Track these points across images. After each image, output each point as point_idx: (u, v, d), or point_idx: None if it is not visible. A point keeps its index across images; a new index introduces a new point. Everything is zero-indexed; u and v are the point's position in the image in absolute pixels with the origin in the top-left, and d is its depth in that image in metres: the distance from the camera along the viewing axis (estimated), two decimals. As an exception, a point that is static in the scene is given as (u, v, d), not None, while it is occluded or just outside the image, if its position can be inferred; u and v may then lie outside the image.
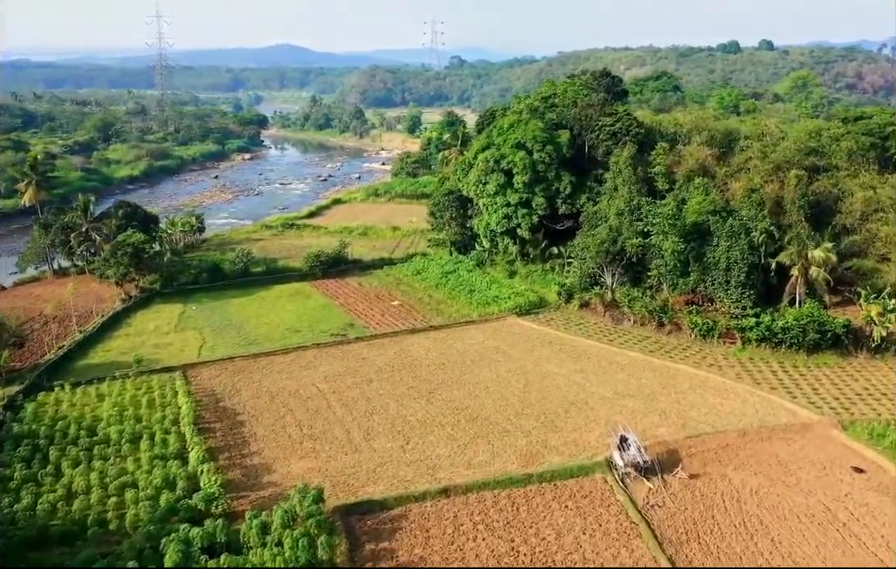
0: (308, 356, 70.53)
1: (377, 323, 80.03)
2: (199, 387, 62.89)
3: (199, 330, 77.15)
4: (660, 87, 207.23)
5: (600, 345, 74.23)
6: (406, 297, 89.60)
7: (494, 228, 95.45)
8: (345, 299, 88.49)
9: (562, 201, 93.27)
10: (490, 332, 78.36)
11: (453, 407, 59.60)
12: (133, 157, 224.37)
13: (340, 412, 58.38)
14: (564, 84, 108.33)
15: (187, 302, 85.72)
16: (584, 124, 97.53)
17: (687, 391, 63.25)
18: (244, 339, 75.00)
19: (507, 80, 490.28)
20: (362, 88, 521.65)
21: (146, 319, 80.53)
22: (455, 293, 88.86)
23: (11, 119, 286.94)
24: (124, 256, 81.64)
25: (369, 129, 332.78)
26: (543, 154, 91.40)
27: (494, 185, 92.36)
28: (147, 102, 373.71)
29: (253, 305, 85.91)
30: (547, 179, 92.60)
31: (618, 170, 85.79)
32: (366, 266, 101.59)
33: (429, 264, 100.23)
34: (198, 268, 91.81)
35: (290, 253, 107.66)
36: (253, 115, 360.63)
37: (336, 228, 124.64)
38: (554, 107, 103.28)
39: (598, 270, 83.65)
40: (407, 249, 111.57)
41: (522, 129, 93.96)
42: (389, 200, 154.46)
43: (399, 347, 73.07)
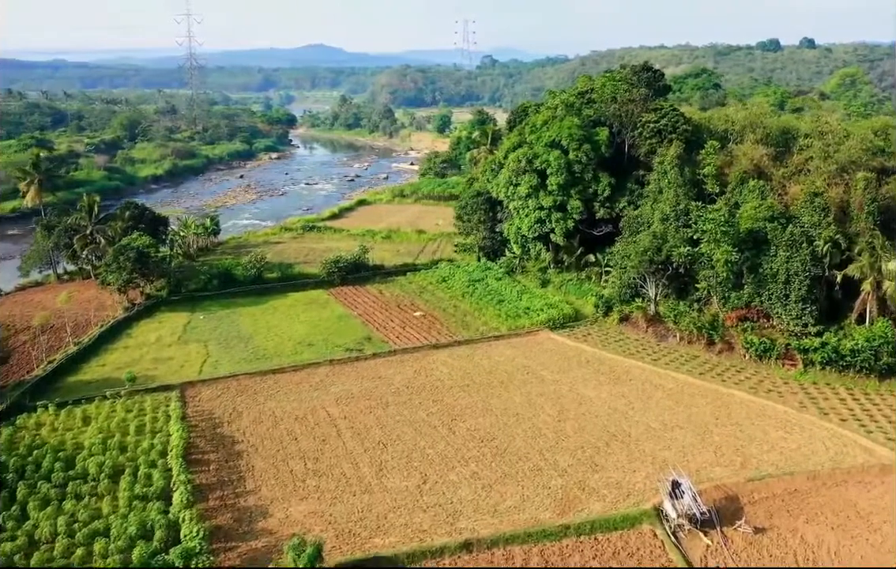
0: (320, 374, 64.09)
1: (397, 336, 73.44)
2: (197, 410, 56.73)
3: (204, 342, 71.16)
4: (700, 84, 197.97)
5: (643, 365, 66.82)
6: (429, 307, 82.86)
7: (526, 234, 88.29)
8: (363, 309, 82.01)
9: (599, 205, 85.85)
10: (520, 348, 71.32)
11: (478, 438, 52.70)
12: (158, 156, 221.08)
13: (351, 443, 51.79)
14: (603, 79, 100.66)
15: (195, 311, 79.92)
16: (624, 121, 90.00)
17: (744, 422, 55.67)
18: (252, 353, 68.84)
19: (539, 80, 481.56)
20: (393, 88, 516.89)
21: (148, 329, 74.75)
22: (483, 304, 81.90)
23: (41, 118, 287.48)
24: (127, 261, 76.03)
25: (399, 129, 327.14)
26: (580, 153, 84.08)
27: (526, 186, 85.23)
28: (177, 102, 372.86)
29: (264, 314, 79.79)
30: (583, 181, 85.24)
31: (663, 171, 78.11)
32: (387, 273, 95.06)
33: (455, 271, 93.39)
34: (207, 274, 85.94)
35: (309, 257, 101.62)
36: (282, 114, 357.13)
37: (358, 230, 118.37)
38: (591, 103, 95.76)
39: (640, 280, 76.13)
40: (432, 254, 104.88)
41: (557, 126, 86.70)
42: (416, 202, 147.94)
43: (420, 365, 66.34)
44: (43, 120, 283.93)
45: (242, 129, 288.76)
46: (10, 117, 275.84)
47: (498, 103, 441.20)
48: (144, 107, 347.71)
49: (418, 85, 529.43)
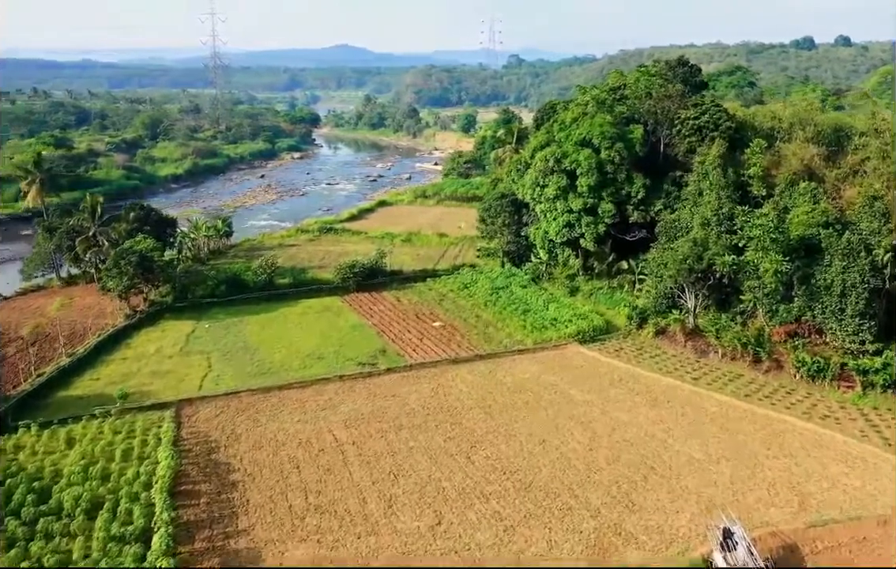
0: (328, 392, 58.95)
1: (414, 349, 68.16)
2: (192, 431, 51.84)
3: (207, 354, 66.39)
4: (734, 82, 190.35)
5: (682, 384, 60.87)
6: (449, 317, 77.46)
7: (553, 238, 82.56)
8: (379, 319, 76.81)
9: (633, 208, 79.85)
10: (547, 363, 65.67)
11: (500, 469, 47.20)
12: (180, 155, 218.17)
13: (358, 473, 46.55)
14: (636, 73, 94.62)
15: (200, 319, 75.26)
16: (659, 119, 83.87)
17: (798, 453, 49.63)
18: (257, 366, 63.93)
19: (566, 79, 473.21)
20: (418, 88, 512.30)
21: (149, 339, 70.12)
22: (506, 313, 76.32)
23: (65, 116, 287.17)
24: (128, 265, 71.53)
25: (423, 129, 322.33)
26: (612, 153, 78.15)
27: (554, 188, 79.50)
28: (201, 101, 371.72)
29: (273, 323, 74.90)
30: (616, 182, 79.30)
31: (703, 172, 71.93)
32: (406, 278, 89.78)
33: (477, 278, 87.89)
34: (215, 279, 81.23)
35: (324, 261, 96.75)
36: (305, 113, 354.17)
37: (377, 233, 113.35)
38: (624, 99, 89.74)
39: (678, 290, 70.14)
40: (454, 259, 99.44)
41: (588, 123, 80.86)
42: (438, 203, 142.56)
43: (437, 383, 60.96)
44: (67, 119, 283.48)
45: (265, 129, 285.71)
46: (35, 116, 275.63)
47: (524, 103, 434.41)
48: (168, 106, 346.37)
49: (444, 84, 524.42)
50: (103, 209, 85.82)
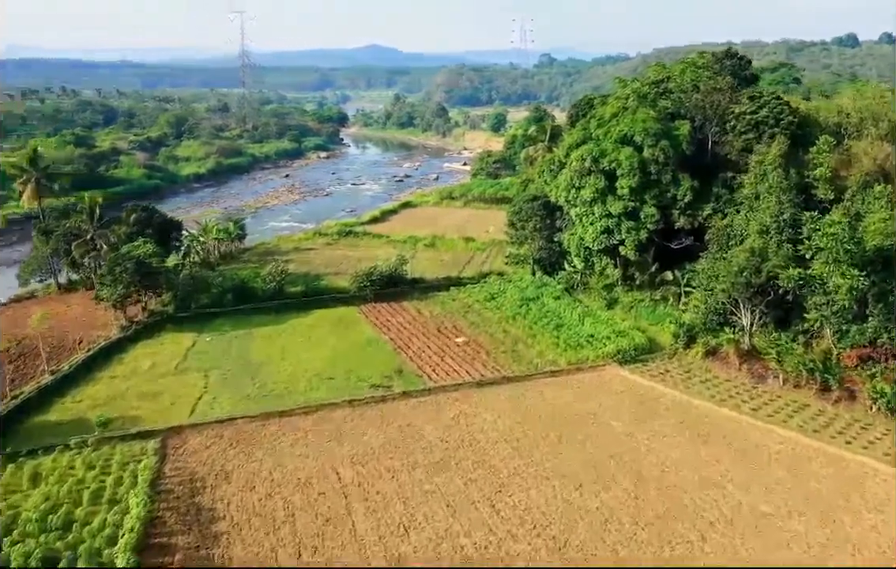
0: (335, 420, 52.21)
1: (433, 369, 61.19)
2: (177, 467, 45.43)
3: (205, 372, 60.09)
4: (778, 79, 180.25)
5: (739, 416, 53.09)
6: (474, 331, 70.36)
7: (590, 245, 74.98)
8: (397, 332, 69.99)
9: (679, 213, 72.03)
10: (583, 388, 58.27)
11: (530, 522, 40.02)
12: (203, 154, 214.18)
13: (363, 524, 39.70)
14: (681, 65, 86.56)
15: (203, 330, 69.11)
16: (708, 114, 75.89)
17: (885, 506, 41.81)
18: (259, 387, 57.43)
19: (598, 78, 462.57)
20: (448, 87, 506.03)
21: (144, 353, 64.04)
22: (537, 328, 69.02)
23: (93, 115, 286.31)
24: (124, 272, 65.64)
25: (452, 128, 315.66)
26: (656, 151, 70.45)
27: (592, 190, 71.99)
28: (230, 100, 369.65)
29: (281, 337, 68.45)
30: (660, 184, 71.58)
31: (762, 172, 63.93)
32: (428, 287, 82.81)
33: (506, 287, 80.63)
34: (220, 287, 75.03)
35: (342, 267, 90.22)
36: (333, 112, 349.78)
37: (400, 236, 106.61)
38: (668, 94, 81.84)
39: (731, 305, 62.30)
40: (480, 265, 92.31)
41: (629, 119, 73.22)
42: (465, 205, 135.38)
43: (459, 410, 53.89)
44: (95, 117, 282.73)
45: (292, 128, 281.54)
46: (62, 114, 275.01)
47: (556, 103, 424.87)
48: (196, 105, 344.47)
49: (474, 84, 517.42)
50: (102, 211, 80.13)
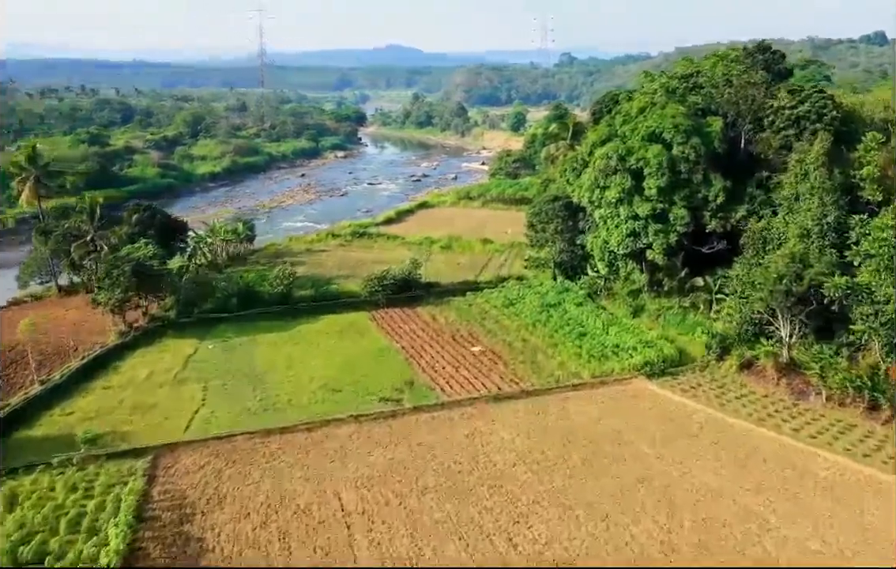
0: (340, 437, 48.39)
1: (447, 382, 57.22)
2: (166, 489, 41.80)
3: (205, 382, 56.54)
4: (808, 76, 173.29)
5: (779, 437, 48.58)
6: (491, 340, 66.29)
7: (615, 249, 70.66)
8: (409, 340, 66.11)
9: (710, 215, 67.55)
10: (609, 403, 54.03)
11: (552, 559, 35.85)
12: (219, 153, 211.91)
13: (366, 559, 35.76)
14: (712, 59, 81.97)
15: (205, 337, 65.70)
16: (741, 109, 71.34)
17: (951, 545, 37.14)
18: (261, 400, 53.77)
19: (620, 78, 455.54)
20: (467, 86, 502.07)
21: (142, 362, 60.60)
22: (559, 337, 64.83)
23: (111, 114, 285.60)
24: (121, 276, 62.33)
25: (471, 127, 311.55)
26: (687, 149, 66.04)
27: (617, 190, 67.70)
28: (248, 100, 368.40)
29: (287, 344, 64.83)
30: (690, 184, 67.16)
31: (802, 171, 59.31)
32: (443, 291, 78.89)
33: (525, 293, 76.49)
34: (225, 291, 71.54)
35: (355, 270, 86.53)
36: (351, 111, 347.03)
37: (415, 238, 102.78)
38: (697, 88, 77.35)
39: (767, 314, 57.77)
40: (498, 269, 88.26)
41: (658, 114, 68.86)
42: (483, 205, 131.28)
43: (474, 427, 49.89)
44: (113, 116, 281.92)
45: (310, 127, 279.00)
46: (80, 113, 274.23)
47: (576, 102, 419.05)
48: (215, 105, 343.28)
49: (493, 83, 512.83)
50: (111, 210, 76.97)
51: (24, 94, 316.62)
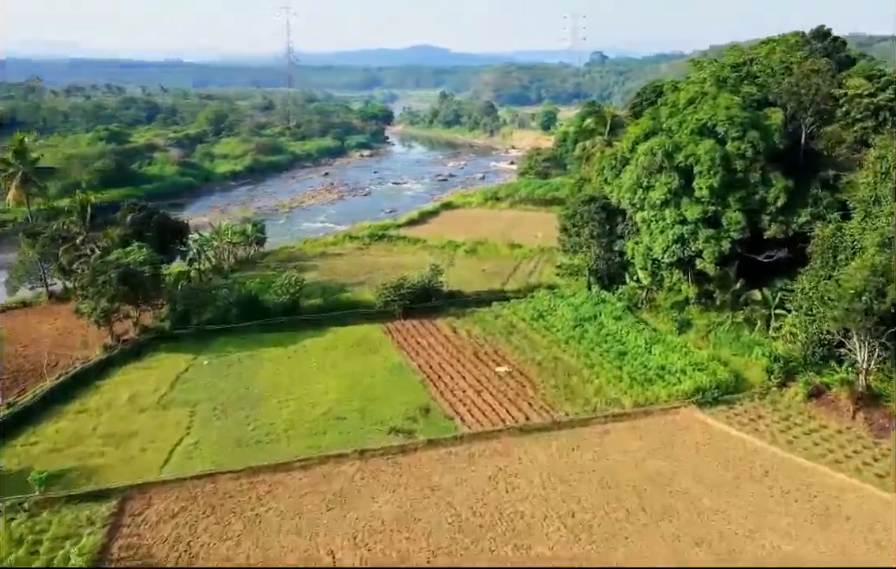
0: (340, 478, 41.42)
1: (469, 408, 50.01)
2: (129, 544, 35.10)
3: (193, 406, 49.95)
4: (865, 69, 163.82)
5: (862, 486, 40.78)
6: (519, 358, 58.91)
7: (659, 257, 62.84)
8: (427, 358, 58.97)
9: (770, 219, 59.59)
10: (655, 438, 46.44)
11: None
12: (242, 151, 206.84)
13: (359, 647, 28.88)
14: (768, 46, 73.91)
15: (201, 352, 59.20)
16: (802, 100, 63.27)
17: None
18: (254, 429, 46.96)
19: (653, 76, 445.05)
20: (496, 86, 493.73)
21: (127, 380, 54.12)
22: (595, 356, 57.27)
23: (137, 112, 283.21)
24: (107, 283, 56.10)
25: (500, 126, 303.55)
26: (744, 144, 58.19)
27: (663, 190, 59.97)
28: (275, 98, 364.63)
29: (290, 361, 58.04)
30: (747, 184, 59.24)
31: (883, 170, 51.16)
32: (466, 301, 71.66)
33: (557, 304, 68.95)
34: (226, 300, 64.98)
35: (371, 276, 79.59)
36: (378, 109, 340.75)
37: (437, 241, 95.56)
38: (752, 78, 69.34)
39: (840, 335, 49.77)
40: (527, 276, 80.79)
41: (709, 105, 61.03)
42: (511, 206, 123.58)
43: (497, 467, 42.66)
44: (138, 114, 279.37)
45: (335, 126, 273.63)
46: (104, 111, 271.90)
47: (608, 102, 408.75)
48: (241, 103, 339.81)
49: (523, 83, 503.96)
50: (95, 210, 70.86)
51: (49, 93, 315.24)
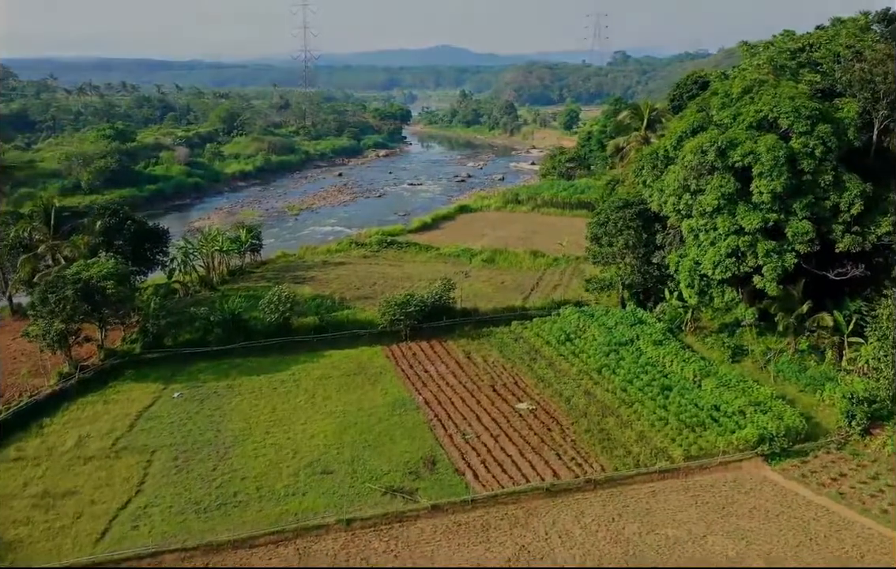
0: (318, 559, 32.69)
1: (483, 459, 41.12)
2: None
3: (151, 453, 41.51)
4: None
5: None
6: (543, 391, 50.06)
7: (709, 272, 53.54)
8: (435, 390, 50.23)
9: (843, 229, 50.20)
10: (714, 503, 37.36)
11: None
12: (253, 150, 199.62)
13: None
14: (832, 29, 64.41)
15: (174, 379, 50.93)
16: (877, 90, 53.84)
17: None
18: (219, 486, 38.31)
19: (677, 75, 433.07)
20: (517, 85, 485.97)
21: (79, 418, 45.76)
22: (634, 391, 48.21)
23: (150, 111, 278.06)
24: (62, 302, 48.05)
25: (520, 126, 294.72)
26: (812, 141, 48.94)
27: (715, 195, 50.73)
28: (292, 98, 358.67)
29: (275, 394, 49.53)
30: (816, 187, 49.93)
31: None
32: (482, 320, 62.85)
33: (587, 324, 59.93)
34: (206, 318, 56.62)
35: (377, 287, 71.26)
36: (395, 109, 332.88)
37: (452, 249, 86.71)
38: (815, 66, 60.02)
39: (938, 373, 40.50)
40: (552, 290, 71.80)
41: (770, 94, 51.77)
42: (533, 209, 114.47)
43: (520, 544, 33.77)
44: (152, 113, 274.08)
45: (352, 125, 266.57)
46: (117, 110, 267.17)
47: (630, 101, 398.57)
48: (258, 102, 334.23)
49: (544, 82, 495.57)
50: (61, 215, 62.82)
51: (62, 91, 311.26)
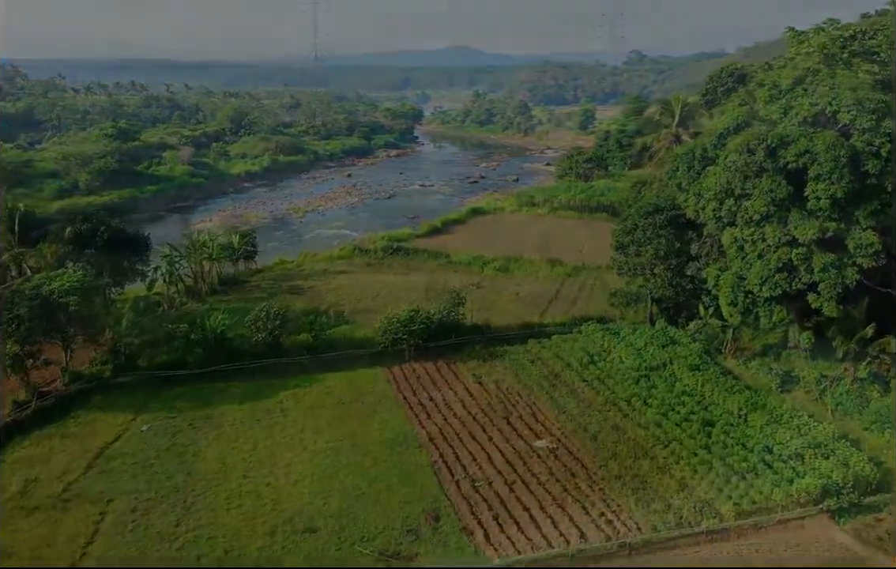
0: (292, 650, 26.78)
1: (496, 512, 34.71)
2: None
3: (107, 502, 35.34)
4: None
5: None
6: (565, 424, 43.57)
7: (755, 288, 46.85)
8: (441, 422, 43.88)
9: (912, 241, 43.62)
10: (775, 576, 30.92)
11: None
12: (261, 150, 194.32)
13: None
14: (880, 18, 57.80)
15: (146, 407, 44.90)
16: (947, 82, 47.22)
17: None
18: (181, 545, 32.14)
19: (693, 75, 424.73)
20: (531, 85, 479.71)
21: (30, 456, 39.60)
22: (671, 426, 41.69)
23: (159, 110, 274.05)
24: (18, 320, 42.21)
25: (535, 126, 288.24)
26: (879, 139, 42.34)
27: (764, 201, 44.14)
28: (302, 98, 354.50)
29: (257, 427, 43.38)
30: (882, 193, 43.29)
31: None
32: (496, 338, 56.43)
33: (612, 343, 53.39)
34: (185, 338, 50.56)
35: (380, 300, 65.02)
36: (407, 108, 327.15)
37: (463, 257, 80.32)
38: (870, 55, 53.25)
39: None
40: (571, 304, 65.25)
41: (827, 86, 45.24)
42: (550, 212, 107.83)
43: (539, 634, 27.55)
44: (160, 113, 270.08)
45: (363, 125, 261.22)
46: (124, 110, 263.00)
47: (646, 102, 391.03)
48: (268, 102, 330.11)
49: (559, 82, 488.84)
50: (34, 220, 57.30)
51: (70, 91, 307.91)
